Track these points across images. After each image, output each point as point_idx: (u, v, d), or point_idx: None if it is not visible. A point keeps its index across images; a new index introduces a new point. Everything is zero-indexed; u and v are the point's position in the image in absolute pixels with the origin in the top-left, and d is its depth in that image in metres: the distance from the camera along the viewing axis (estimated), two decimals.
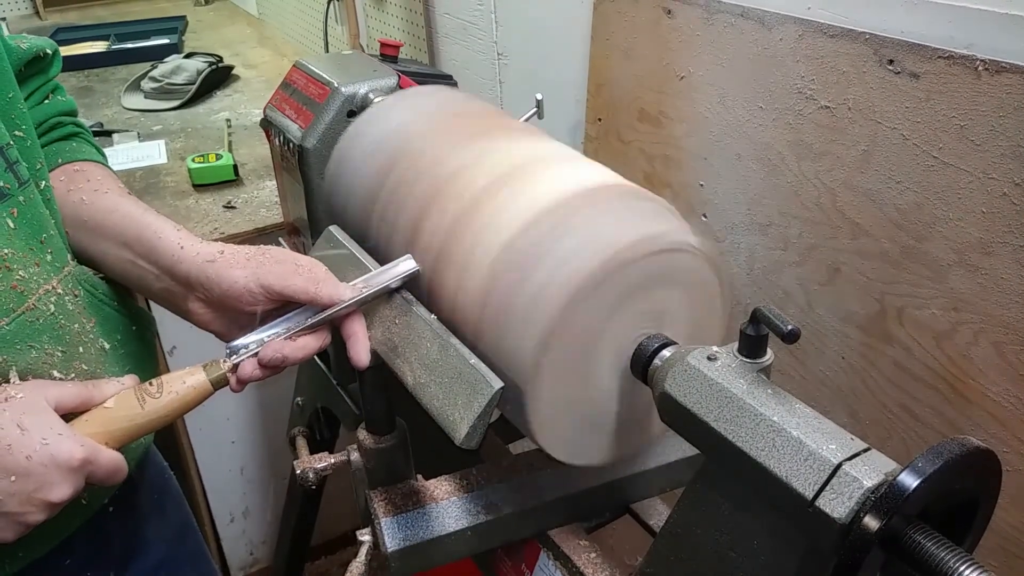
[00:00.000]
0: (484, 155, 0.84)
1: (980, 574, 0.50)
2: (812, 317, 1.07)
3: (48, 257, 0.73)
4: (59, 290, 0.73)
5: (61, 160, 0.85)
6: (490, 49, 1.62)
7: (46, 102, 0.86)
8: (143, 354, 0.87)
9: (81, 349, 0.75)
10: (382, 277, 0.80)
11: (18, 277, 0.69)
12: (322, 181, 1.05)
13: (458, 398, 0.72)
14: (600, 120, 1.38)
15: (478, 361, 0.73)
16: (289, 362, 0.75)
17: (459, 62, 1.75)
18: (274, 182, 1.80)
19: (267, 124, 1.21)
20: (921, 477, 0.50)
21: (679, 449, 0.91)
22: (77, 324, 0.75)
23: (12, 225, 0.70)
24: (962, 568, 0.50)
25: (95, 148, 0.90)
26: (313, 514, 1.51)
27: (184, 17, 3.35)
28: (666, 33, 1.18)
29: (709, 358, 0.65)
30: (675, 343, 0.72)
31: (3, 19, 3.39)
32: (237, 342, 0.75)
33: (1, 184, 0.69)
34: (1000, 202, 0.81)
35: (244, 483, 1.96)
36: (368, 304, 0.80)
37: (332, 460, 0.99)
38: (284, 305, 0.76)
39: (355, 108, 1.10)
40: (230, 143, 2.09)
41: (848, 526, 0.52)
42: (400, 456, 0.89)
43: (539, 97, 1.10)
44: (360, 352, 0.77)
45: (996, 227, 0.82)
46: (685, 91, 1.18)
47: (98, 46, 3.00)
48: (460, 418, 0.71)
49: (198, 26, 3.35)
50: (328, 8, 2.34)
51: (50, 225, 0.75)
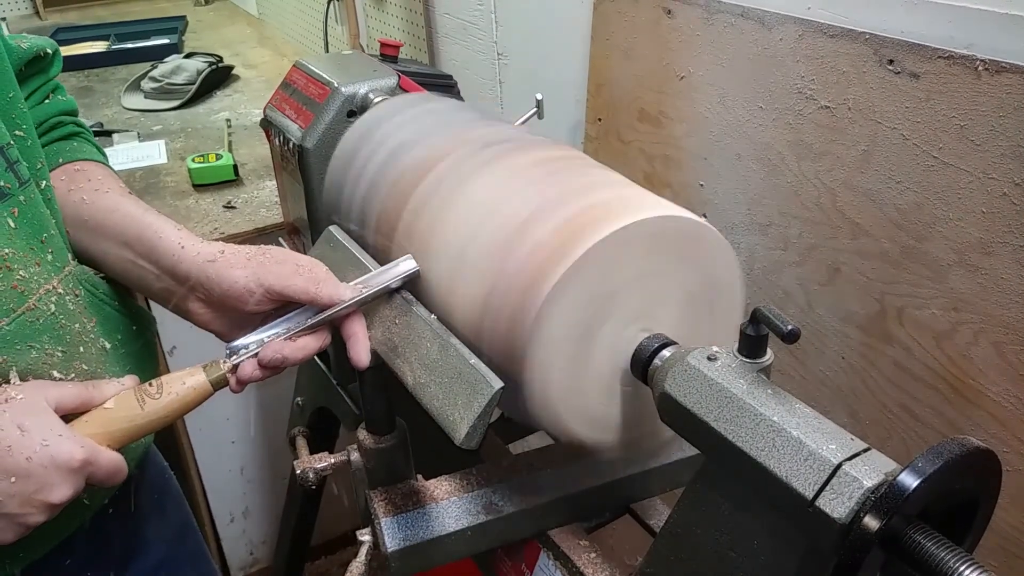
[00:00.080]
0: (487, 157, 0.84)
1: (980, 574, 0.50)
2: (812, 317, 1.07)
3: (49, 257, 0.73)
4: (60, 290, 0.73)
5: (62, 160, 0.84)
6: (490, 49, 1.62)
7: (46, 102, 0.86)
8: (144, 354, 0.87)
9: (82, 349, 0.75)
10: (382, 277, 0.80)
11: (19, 277, 0.69)
12: (322, 181, 1.05)
13: (458, 398, 0.72)
14: (600, 120, 1.38)
15: (478, 361, 0.73)
16: (289, 363, 0.75)
17: (459, 62, 1.75)
18: (274, 182, 1.80)
19: (267, 124, 1.21)
20: (921, 477, 0.50)
21: (679, 449, 0.91)
22: (78, 324, 0.75)
23: (13, 225, 0.69)
24: (962, 568, 0.50)
25: (96, 148, 0.90)
26: (313, 514, 1.51)
27: (184, 17, 3.35)
28: (666, 33, 1.18)
29: (709, 358, 0.65)
30: (675, 343, 0.72)
31: (3, 19, 3.39)
32: (237, 342, 0.75)
33: (2, 184, 0.69)
34: (1000, 202, 0.81)
35: (244, 483, 1.96)
36: (368, 304, 0.80)
37: (332, 460, 0.99)
38: (284, 305, 0.76)
39: (355, 108, 1.10)
40: (230, 143, 2.09)
41: (848, 526, 0.52)
42: (400, 456, 0.89)
43: (539, 97, 1.10)
44: (360, 352, 0.77)
45: (996, 227, 0.82)
46: (685, 91, 1.18)
47: (98, 46, 3.00)
48: (460, 418, 0.71)
49: (198, 26, 3.35)
50: (328, 8, 2.34)
51: (51, 225, 0.75)
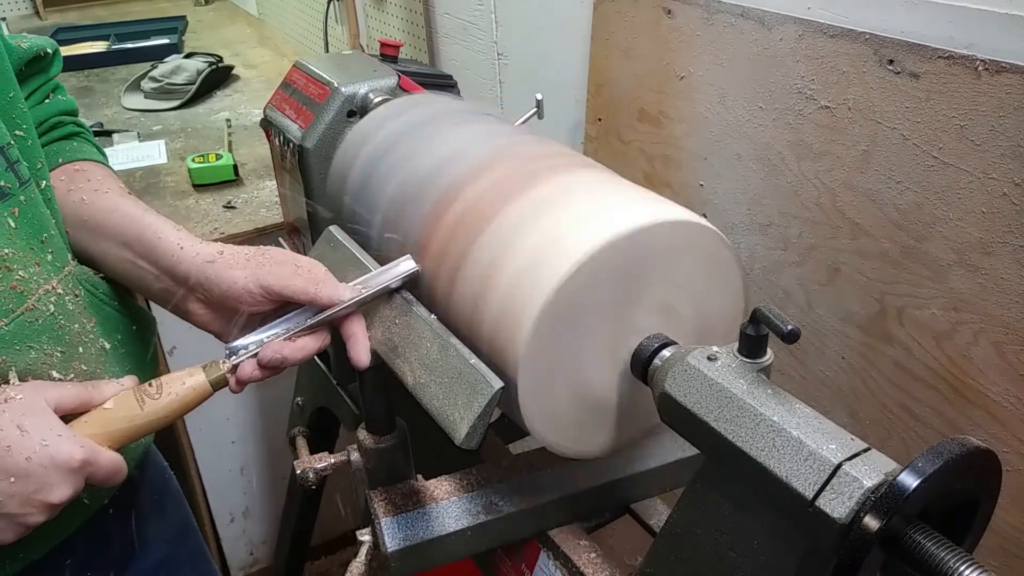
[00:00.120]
0: (488, 158, 0.84)
1: (980, 574, 0.50)
2: (812, 317, 1.07)
3: (49, 257, 0.73)
4: (59, 290, 0.73)
5: (62, 160, 0.84)
6: (490, 49, 1.62)
7: (47, 101, 0.86)
8: (143, 354, 0.87)
9: (81, 349, 0.75)
10: (382, 277, 0.80)
11: (18, 277, 0.69)
12: (322, 181, 1.05)
13: (458, 398, 0.72)
14: (600, 120, 1.38)
15: (478, 361, 0.73)
16: (289, 363, 0.75)
17: (459, 62, 1.75)
18: (274, 182, 1.80)
19: (267, 124, 1.21)
20: (921, 477, 0.50)
21: (679, 449, 0.91)
22: (77, 324, 0.75)
23: (13, 225, 0.69)
24: (962, 568, 0.50)
25: (96, 148, 0.90)
26: (313, 514, 1.51)
27: (184, 17, 3.35)
28: (666, 33, 1.18)
29: (709, 358, 0.65)
30: (675, 343, 0.72)
31: (3, 19, 3.39)
32: (237, 343, 0.75)
33: (2, 184, 0.69)
34: (1000, 202, 0.81)
35: (244, 483, 1.96)
36: (368, 304, 0.80)
37: (332, 460, 0.99)
38: (284, 306, 0.76)
39: (355, 108, 1.10)
40: (230, 143, 2.09)
41: (848, 526, 0.52)
42: (400, 456, 0.89)
43: (539, 97, 1.10)
44: (360, 352, 0.77)
45: (996, 227, 0.82)
46: (685, 91, 1.18)
47: (98, 46, 3.00)
48: (460, 418, 0.71)
49: (198, 26, 3.36)
50: (328, 8, 2.34)
51: (51, 225, 0.75)
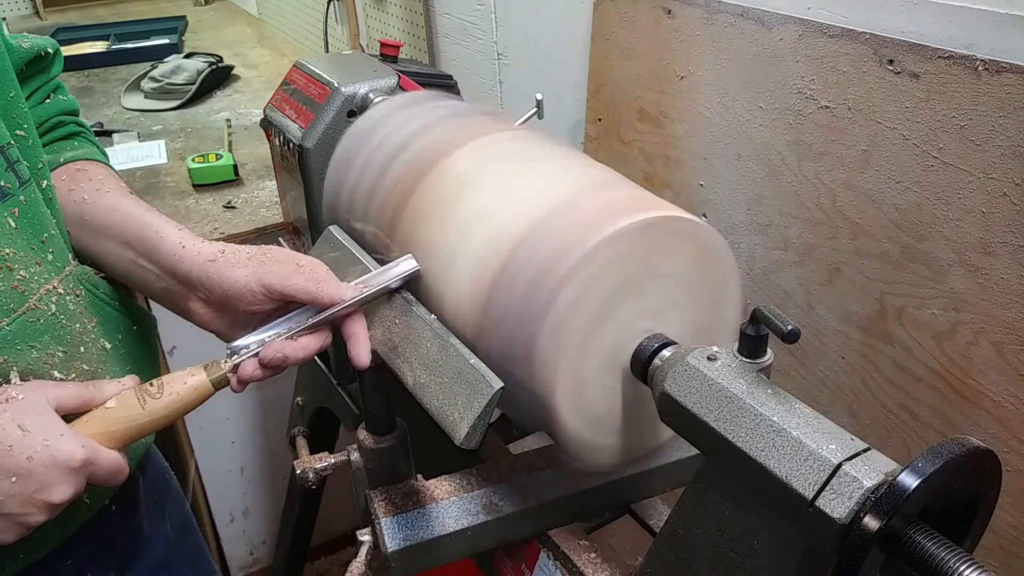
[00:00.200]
0: (488, 157, 0.84)
1: (980, 574, 0.50)
2: (812, 317, 1.07)
3: (49, 257, 0.73)
4: (60, 290, 0.73)
5: (63, 159, 0.85)
6: (490, 49, 1.62)
7: (47, 101, 0.86)
8: (144, 354, 0.87)
9: (82, 349, 0.75)
10: (382, 277, 0.80)
11: (19, 277, 0.69)
12: (322, 181, 1.05)
13: (458, 398, 0.72)
14: (600, 120, 1.38)
15: (478, 361, 0.73)
16: (290, 362, 0.75)
17: (459, 62, 1.75)
18: (274, 182, 1.80)
19: (267, 124, 1.21)
20: (921, 477, 0.50)
21: (679, 449, 0.91)
22: (78, 324, 0.75)
23: (13, 224, 0.70)
24: (962, 568, 0.50)
25: (96, 147, 0.90)
26: (313, 514, 1.51)
27: (184, 17, 3.35)
28: (666, 33, 1.18)
29: (709, 358, 0.65)
30: (675, 343, 0.72)
31: (3, 19, 3.39)
32: (238, 342, 0.75)
33: (2, 183, 0.69)
34: (1000, 202, 0.81)
35: (244, 483, 1.96)
36: (368, 304, 0.80)
37: (332, 460, 0.99)
38: (285, 305, 0.76)
39: (355, 108, 1.10)
40: (230, 143, 2.09)
41: (848, 526, 0.52)
42: (400, 456, 0.89)
43: (539, 97, 1.10)
44: (361, 352, 0.77)
45: (996, 227, 0.82)
46: (685, 91, 1.18)
47: (98, 46, 3.00)
48: (460, 418, 0.71)
49: (198, 26, 3.36)
50: (328, 8, 2.34)
51: (51, 225, 0.75)
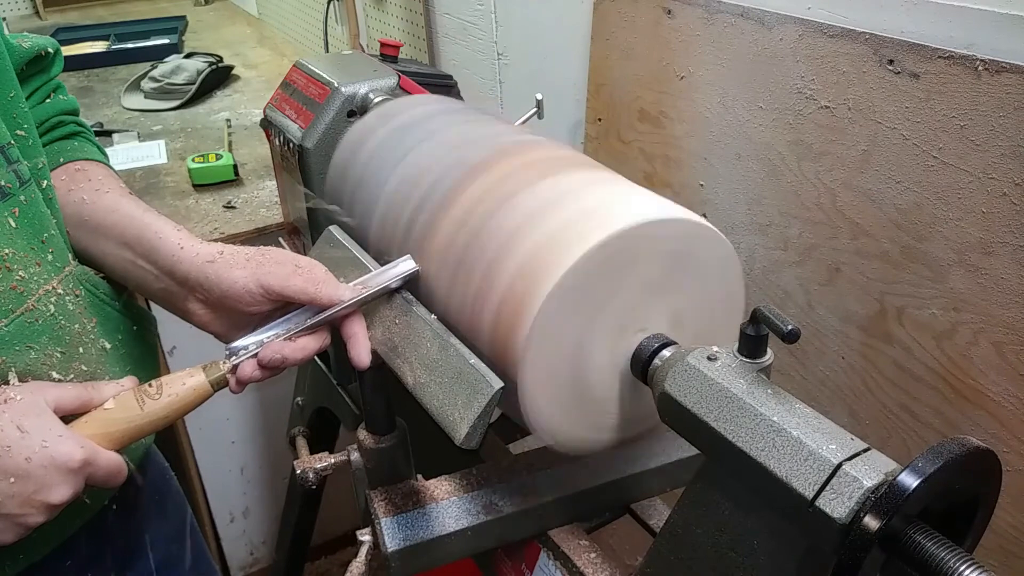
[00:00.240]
0: (488, 157, 0.84)
1: (980, 574, 0.50)
2: (812, 317, 1.07)
3: (49, 257, 0.73)
4: (59, 290, 0.73)
5: (63, 159, 0.84)
6: (490, 49, 1.62)
7: (47, 101, 0.86)
8: (144, 354, 0.87)
9: (81, 350, 0.75)
10: (382, 277, 0.80)
11: (18, 277, 0.69)
12: (322, 181, 1.05)
13: (458, 398, 0.72)
14: (600, 120, 1.38)
15: (478, 361, 0.72)
16: (289, 363, 0.75)
17: (459, 62, 1.75)
18: (274, 182, 1.80)
19: (267, 124, 1.21)
20: (921, 477, 0.49)
21: (679, 449, 0.91)
22: (77, 324, 0.75)
23: (13, 224, 0.69)
24: (962, 568, 0.50)
25: (97, 147, 0.90)
26: (313, 514, 1.51)
27: (184, 17, 3.35)
28: (666, 33, 1.18)
29: (709, 358, 0.65)
30: (675, 343, 0.72)
31: (3, 19, 3.39)
32: (237, 343, 0.75)
33: (2, 183, 0.69)
34: (1000, 202, 0.81)
35: (244, 483, 1.96)
36: (368, 304, 0.80)
37: (332, 460, 0.99)
38: (284, 306, 0.76)
39: (355, 108, 1.10)
40: (230, 143, 2.09)
41: (848, 526, 0.52)
42: (400, 456, 0.89)
43: (539, 97, 1.10)
44: (360, 352, 0.77)
45: (996, 227, 0.82)
46: (685, 91, 1.18)
47: (98, 46, 3.00)
48: (460, 418, 0.71)
49: (198, 26, 3.36)
50: (328, 8, 2.34)
51: (51, 225, 0.74)
